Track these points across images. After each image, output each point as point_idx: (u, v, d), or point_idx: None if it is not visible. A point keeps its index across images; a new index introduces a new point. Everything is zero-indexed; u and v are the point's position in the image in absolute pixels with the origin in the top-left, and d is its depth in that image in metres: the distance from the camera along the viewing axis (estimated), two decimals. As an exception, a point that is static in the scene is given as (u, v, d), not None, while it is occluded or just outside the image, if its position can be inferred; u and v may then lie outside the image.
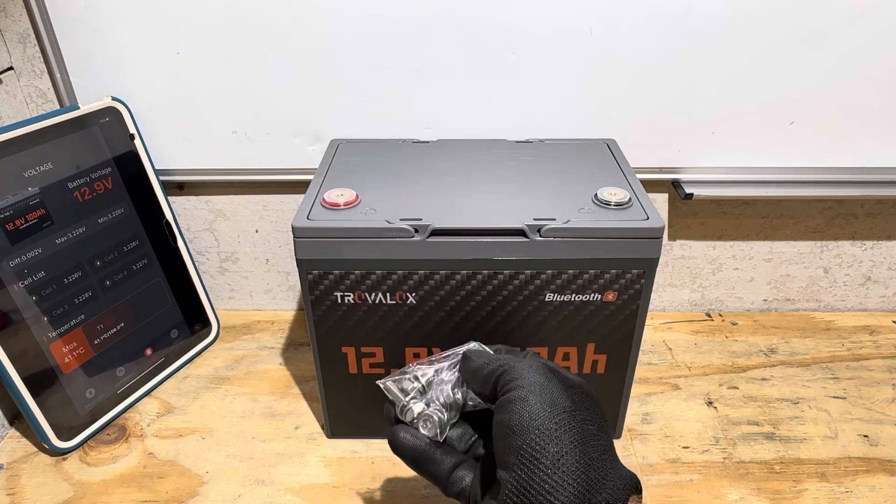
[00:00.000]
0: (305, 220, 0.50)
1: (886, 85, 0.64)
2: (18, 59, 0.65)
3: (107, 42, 0.63)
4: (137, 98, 0.65)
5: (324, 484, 0.57)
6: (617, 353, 0.55)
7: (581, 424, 0.34)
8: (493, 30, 0.62)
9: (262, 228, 0.75)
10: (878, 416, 0.63)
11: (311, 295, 0.51)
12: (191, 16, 0.62)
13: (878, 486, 0.56)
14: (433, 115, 0.67)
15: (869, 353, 0.72)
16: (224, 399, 0.66)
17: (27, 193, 0.57)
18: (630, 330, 0.53)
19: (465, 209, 0.51)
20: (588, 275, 0.50)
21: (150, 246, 0.67)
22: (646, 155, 0.68)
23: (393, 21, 0.62)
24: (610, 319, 0.53)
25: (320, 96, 0.66)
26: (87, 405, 0.61)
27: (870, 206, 0.73)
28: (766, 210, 0.73)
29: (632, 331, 0.53)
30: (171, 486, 0.56)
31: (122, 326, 0.64)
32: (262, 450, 0.60)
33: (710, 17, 0.61)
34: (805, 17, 0.61)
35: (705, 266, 0.77)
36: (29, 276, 0.57)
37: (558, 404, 0.34)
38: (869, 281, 0.78)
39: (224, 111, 0.67)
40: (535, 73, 0.64)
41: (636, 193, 0.53)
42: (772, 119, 0.66)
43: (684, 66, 0.63)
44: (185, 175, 0.70)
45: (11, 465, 0.59)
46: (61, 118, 0.59)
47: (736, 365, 0.70)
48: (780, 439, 0.61)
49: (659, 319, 0.78)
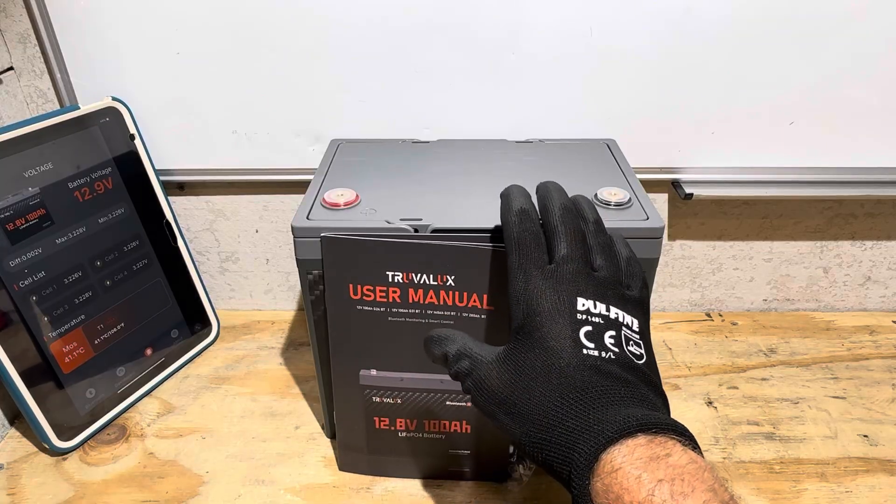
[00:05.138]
0: (305, 220, 0.50)
1: (886, 85, 0.64)
2: (18, 59, 0.65)
3: (107, 42, 0.63)
4: (137, 98, 0.65)
5: (324, 484, 0.57)
6: (617, 353, 0.55)
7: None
8: (493, 30, 0.62)
9: (262, 228, 0.75)
10: (878, 416, 0.63)
11: (311, 295, 0.51)
12: (191, 16, 0.62)
13: (878, 486, 0.56)
14: (433, 115, 0.67)
15: (869, 353, 0.72)
16: (224, 399, 0.66)
17: (27, 193, 0.57)
18: (630, 330, 0.53)
19: (465, 209, 0.51)
20: (588, 275, 0.50)
21: (150, 246, 0.67)
22: (646, 155, 0.68)
23: (393, 21, 0.62)
24: (610, 319, 0.53)
25: (320, 96, 0.66)
26: (87, 405, 0.61)
27: (870, 206, 0.73)
28: (766, 210, 0.73)
29: (632, 331, 0.53)
30: (172, 486, 0.56)
31: (122, 326, 0.64)
32: (262, 450, 0.60)
33: (710, 17, 0.61)
34: (805, 18, 0.61)
35: (705, 266, 0.77)
36: (29, 276, 0.57)
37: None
38: (869, 281, 0.78)
39: (224, 111, 0.67)
40: (535, 73, 0.64)
41: (636, 193, 0.53)
42: (772, 119, 0.66)
43: (684, 66, 0.63)
44: (185, 175, 0.70)
45: (11, 465, 0.59)
46: (61, 118, 0.59)
47: (736, 365, 0.70)
48: (780, 439, 0.61)
49: (659, 319, 0.78)
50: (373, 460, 0.57)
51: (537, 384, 0.34)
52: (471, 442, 0.55)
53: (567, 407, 0.33)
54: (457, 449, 0.55)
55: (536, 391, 0.34)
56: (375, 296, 0.49)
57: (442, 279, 0.47)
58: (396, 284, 0.48)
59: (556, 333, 0.35)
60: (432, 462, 0.56)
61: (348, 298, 0.49)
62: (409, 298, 0.48)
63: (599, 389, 0.33)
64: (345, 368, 0.52)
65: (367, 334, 0.50)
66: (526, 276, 0.38)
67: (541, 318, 0.36)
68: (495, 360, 0.37)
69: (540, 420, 0.33)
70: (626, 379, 0.34)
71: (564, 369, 0.34)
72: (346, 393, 0.54)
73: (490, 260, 0.46)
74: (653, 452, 0.30)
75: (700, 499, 0.28)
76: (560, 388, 0.34)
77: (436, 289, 0.48)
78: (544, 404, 0.34)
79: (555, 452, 0.32)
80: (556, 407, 0.33)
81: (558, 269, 0.38)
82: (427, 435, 0.55)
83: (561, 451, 0.32)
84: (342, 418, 0.55)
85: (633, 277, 0.41)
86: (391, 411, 0.54)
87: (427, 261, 0.47)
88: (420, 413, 0.53)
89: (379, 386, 0.53)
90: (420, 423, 0.54)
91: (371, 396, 0.53)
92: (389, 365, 0.52)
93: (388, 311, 0.49)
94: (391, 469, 0.57)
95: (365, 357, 0.52)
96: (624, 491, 0.29)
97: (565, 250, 0.38)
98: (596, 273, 0.39)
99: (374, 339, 0.51)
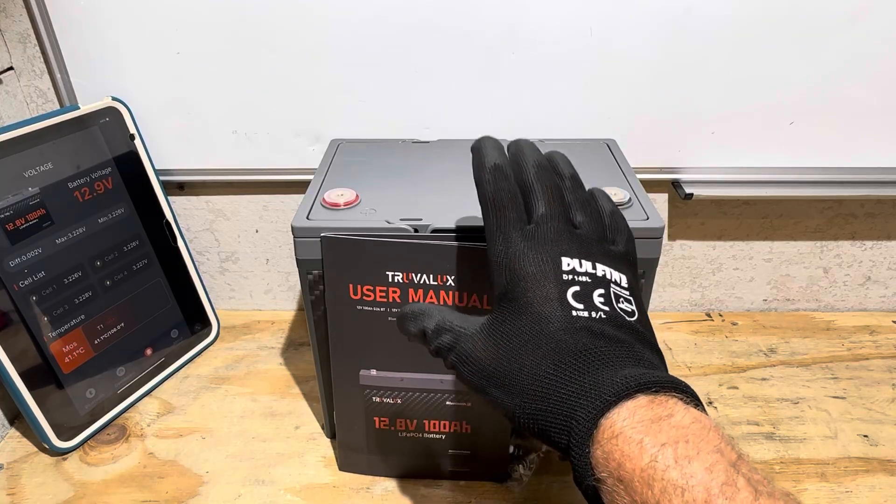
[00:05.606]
0: (305, 220, 0.50)
1: (886, 85, 0.64)
2: (18, 59, 0.65)
3: (107, 42, 0.63)
4: (137, 98, 0.65)
5: (324, 484, 0.57)
6: (617, 353, 0.55)
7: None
8: (493, 30, 0.62)
9: (262, 228, 0.75)
10: (878, 416, 0.63)
11: (311, 295, 0.51)
12: (191, 16, 0.62)
13: (878, 486, 0.56)
14: (433, 115, 0.67)
15: (869, 353, 0.72)
16: (224, 399, 0.66)
17: (27, 193, 0.57)
18: (630, 330, 0.53)
19: (465, 209, 0.51)
20: (588, 275, 0.50)
21: (150, 246, 0.67)
22: (646, 155, 0.68)
23: (393, 21, 0.62)
24: (610, 319, 0.53)
25: (320, 96, 0.66)
26: (87, 405, 0.61)
27: (870, 206, 0.73)
28: (766, 210, 0.73)
29: (632, 331, 0.53)
30: (172, 486, 0.56)
31: (122, 326, 0.64)
32: (262, 450, 0.60)
33: (710, 17, 0.61)
34: (805, 18, 0.61)
35: (705, 266, 0.77)
36: (29, 276, 0.57)
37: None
38: (869, 281, 0.78)
39: (224, 111, 0.67)
40: (535, 73, 0.64)
41: (636, 193, 0.53)
42: (772, 119, 0.66)
43: (684, 66, 0.63)
44: (185, 175, 0.70)
45: (11, 465, 0.59)
46: (61, 118, 0.59)
47: (736, 365, 0.70)
48: (780, 439, 0.61)
49: (659, 319, 0.78)
50: (373, 460, 0.57)
51: (527, 352, 0.33)
52: (471, 442, 0.55)
53: (561, 373, 0.31)
54: (457, 449, 0.55)
55: (527, 360, 0.33)
56: (375, 296, 0.49)
57: (442, 279, 0.47)
58: (396, 284, 0.48)
59: (542, 297, 0.34)
60: (432, 462, 0.56)
61: (348, 298, 0.49)
62: (409, 298, 0.48)
63: (593, 352, 0.32)
64: (345, 368, 0.52)
65: (367, 334, 0.50)
66: (505, 238, 0.36)
67: (525, 282, 0.34)
68: (479, 331, 0.35)
69: (533, 390, 0.32)
70: (620, 338, 0.33)
71: (554, 334, 0.33)
72: (345, 393, 0.54)
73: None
74: (654, 413, 0.28)
75: (706, 461, 0.26)
76: (552, 354, 0.32)
77: (436, 289, 0.48)
78: (536, 373, 0.32)
79: (551, 422, 0.31)
80: (550, 374, 0.32)
81: (538, 229, 0.36)
82: (427, 435, 0.55)
83: (558, 420, 0.31)
84: (342, 418, 0.55)
85: (617, 232, 0.39)
86: (391, 411, 0.54)
87: (427, 261, 0.47)
88: (420, 413, 0.53)
89: (379, 386, 0.53)
90: (420, 424, 0.54)
91: (371, 396, 0.53)
92: (389, 365, 0.52)
93: (389, 311, 0.49)
94: (391, 469, 0.57)
95: (365, 357, 0.52)
96: (625, 458, 0.28)
97: (543, 209, 0.36)
98: (578, 230, 0.37)
99: (374, 339, 0.51)
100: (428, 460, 0.56)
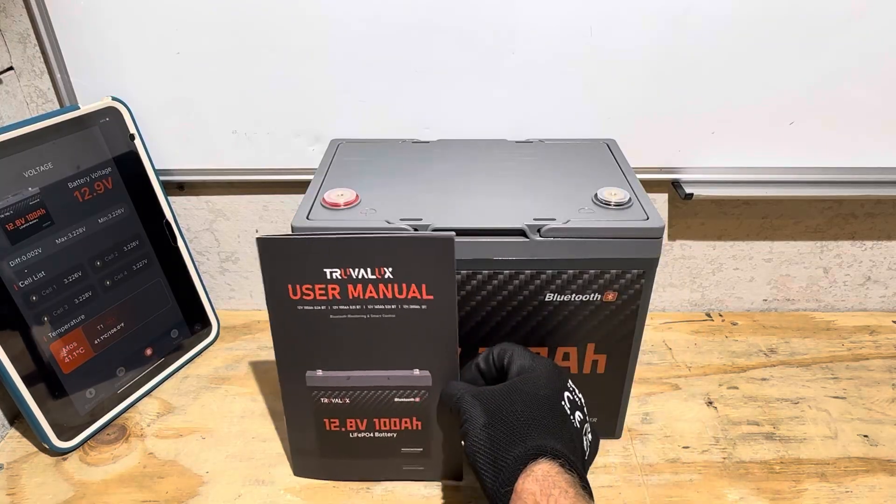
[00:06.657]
0: (305, 220, 0.50)
1: (886, 85, 0.64)
2: (18, 59, 0.65)
3: (107, 42, 0.63)
4: (137, 98, 0.65)
5: (324, 484, 0.57)
6: (617, 353, 0.55)
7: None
8: (494, 30, 0.62)
9: (262, 228, 0.75)
10: (878, 416, 0.63)
11: None
12: (191, 16, 0.62)
13: (878, 486, 0.56)
14: (433, 115, 0.67)
15: (869, 353, 0.72)
16: (224, 399, 0.66)
17: (27, 193, 0.57)
18: (630, 330, 0.53)
19: (465, 209, 0.51)
20: (588, 275, 0.50)
21: (150, 246, 0.67)
22: (646, 155, 0.68)
23: (393, 21, 0.62)
24: (610, 319, 0.53)
25: (320, 96, 0.66)
26: (87, 405, 0.61)
27: (870, 206, 0.73)
28: (766, 210, 0.73)
29: (632, 331, 0.53)
30: (172, 486, 0.56)
31: (122, 326, 0.64)
32: (262, 450, 0.60)
33: (710, 17, 0.61)
34: (805, 17, 0.61)
35: (705, 266, 0.77)
36: (29, 276, 0.57)
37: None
38: (869, 281, 0.78)
39: (224, 111, 0.67)
40: (534, 73, 0.64)
41: (636, 193, 0.53)
42: (772, 119, 0.66)
43: (684, 66, 0.63)
44: (185, 175, 0.70)
45: (11, 465, 0.59)
46: (61, 118, 0.59)
47: (736, 365, 0.70)
48: (780, 439, 0.61)
49: (659, 319, 0.78)
50: (327, 464, 0.56)
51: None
52: (423, 439, 0.54)
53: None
54: (409, 447, 0.55)
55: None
56: (315, 294, 0.48)
57: (380, 272, 0.47)
58: (335, 281, 0.48)
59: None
60: (386, 462, 0.56)
61: (288, 299, 0.49)
62: (348, 294, 0.48)
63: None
64: (291, 371, 0.52)
65: (309, 334, 0.50)
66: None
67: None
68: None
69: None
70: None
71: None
72: (294, 396, 0.53)
73: (425, 248, 0.46)
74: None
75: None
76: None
77: (374, 282, 0.48)
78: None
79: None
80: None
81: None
82: (378, 434, 0.54)
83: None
84: (293, 422, 0.55)
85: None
86: (341, 412, 0.53)
87: (363, 254, 0.47)
88: (369, 412, 0.53)
89: (326, 386, 0.52)
90: (370, 423, 0.54)
91: (319, 398, 0.53)
92: (335, 364, 0.52)
93: (329, 309, 0.49)
94: (345, 472, 0.56)
95: (310, 358, 0.51)
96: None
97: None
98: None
99: (317, 338, 0.50)
100: (382, 461, 0.56)
